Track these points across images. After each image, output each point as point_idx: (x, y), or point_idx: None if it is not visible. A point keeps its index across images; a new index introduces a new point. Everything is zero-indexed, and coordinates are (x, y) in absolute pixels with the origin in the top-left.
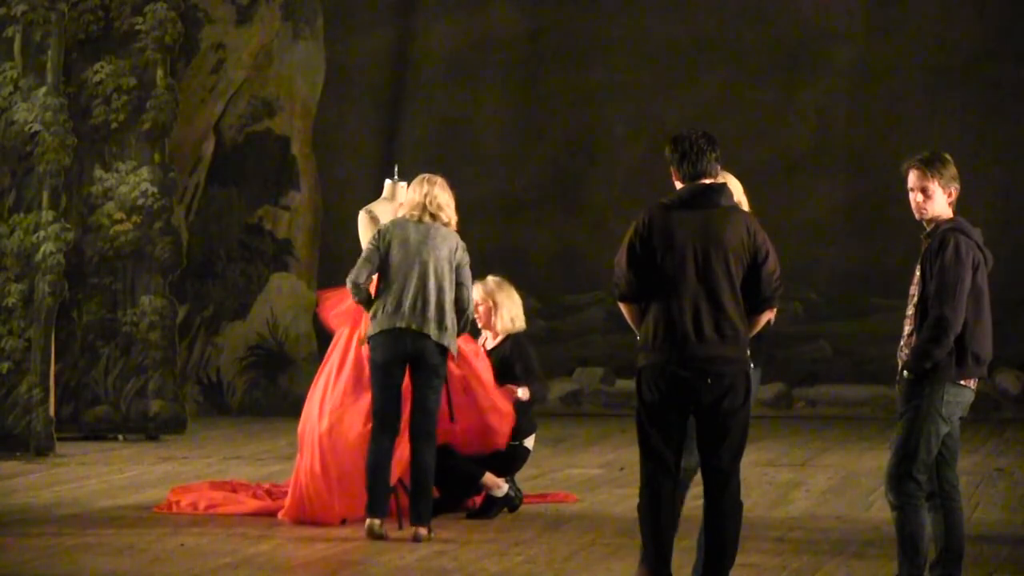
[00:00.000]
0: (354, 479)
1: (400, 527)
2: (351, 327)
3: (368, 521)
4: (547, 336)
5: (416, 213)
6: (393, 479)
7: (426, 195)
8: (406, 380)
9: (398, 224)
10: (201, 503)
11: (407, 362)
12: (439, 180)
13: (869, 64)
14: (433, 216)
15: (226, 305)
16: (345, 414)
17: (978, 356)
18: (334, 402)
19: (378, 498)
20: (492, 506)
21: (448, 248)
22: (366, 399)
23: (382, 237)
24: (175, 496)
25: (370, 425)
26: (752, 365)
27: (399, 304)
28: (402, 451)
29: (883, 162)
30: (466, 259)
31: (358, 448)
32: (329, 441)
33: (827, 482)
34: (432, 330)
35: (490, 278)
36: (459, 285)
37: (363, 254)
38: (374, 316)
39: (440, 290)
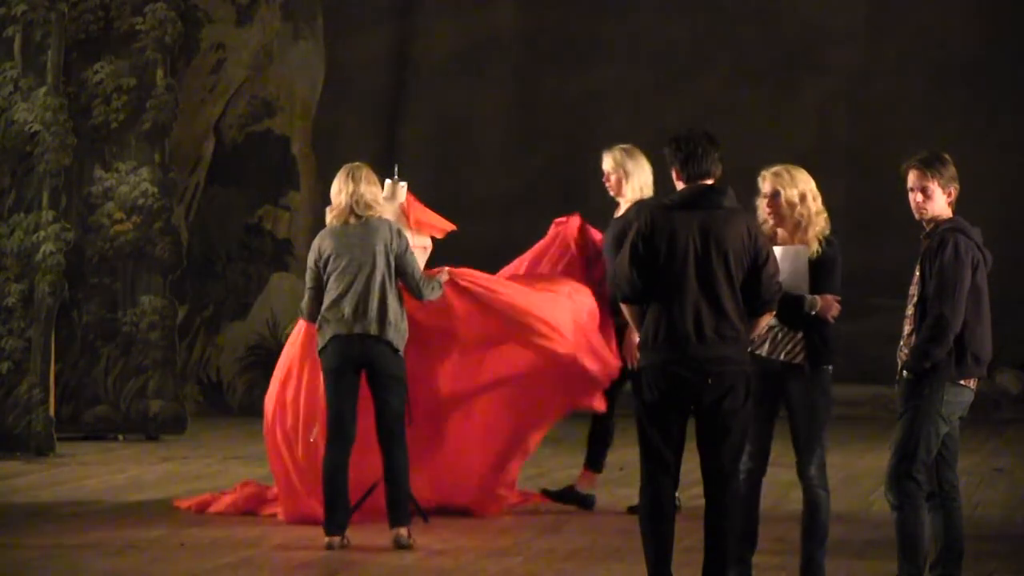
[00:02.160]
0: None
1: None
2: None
3: (327, 539)
4: None
5: (344, 216)
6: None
7: (352, 195)
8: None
9: (326, 236)
10: (240, 502)
11: (360, 367)
12: (363, 174)
13: (869, 64)
14: (359, 216)
15: (226, 305)
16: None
17: (978, 356)
18: (276, 396)
19: (336, 515)
20: (568, 497)
21: (383, 241)
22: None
23: (317, 256)
24: (210, 498)
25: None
26: (825, 365)
27: (341, 312)
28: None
29: (883, 162)
30: (404, 244)
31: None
32: (279, 438)
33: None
34: (374, 329)
35: (618, 148)
36: (404, 275)
37: (307, 282)
38: (320, 327)
39: (382, 287)
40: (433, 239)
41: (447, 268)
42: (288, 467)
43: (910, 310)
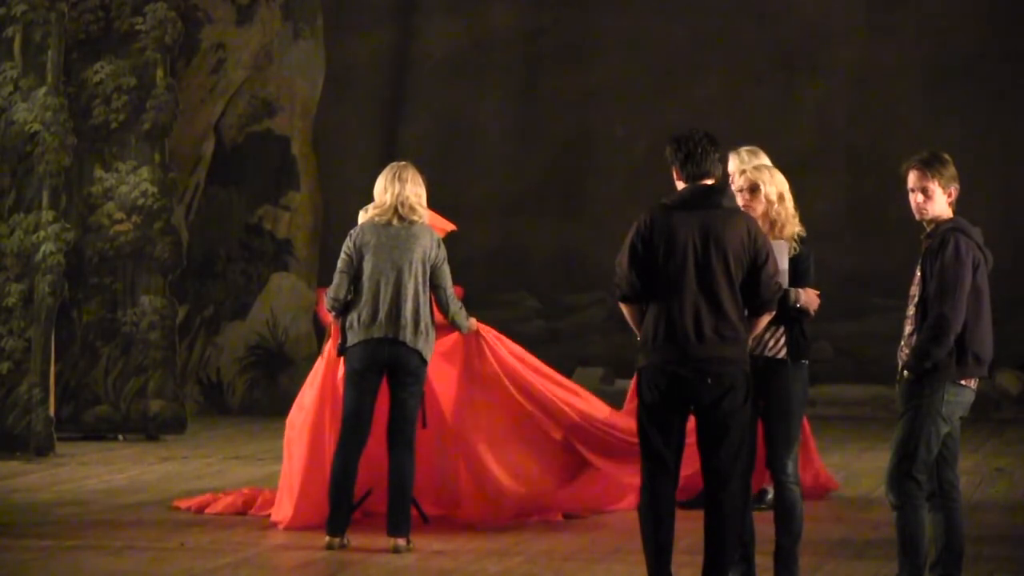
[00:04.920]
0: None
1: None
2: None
3: (327, 539)
4: (547, 336)
5: (387, 216)
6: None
7: (397, 196)
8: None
9: (368, 229)
10: (239, 502)
11: (384, 368)
12: (409, 174)
13: (869, 64)
14: (403, 218)
15: (226, 305)
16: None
17: (978, 356)
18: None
19: (339, 515)
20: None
21: (422, 249)
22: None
23: (354, 245)
24: (210, 498)
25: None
26: (804, 360)
27: (375, 314)
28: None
29: (883, 162)
30: (442, 256)
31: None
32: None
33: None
34: (408, 336)
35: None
36: (436, 288)
37: (338, 265)
38: (350, 327)
39: (416, 295)
40: None
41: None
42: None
43: (911, 310)
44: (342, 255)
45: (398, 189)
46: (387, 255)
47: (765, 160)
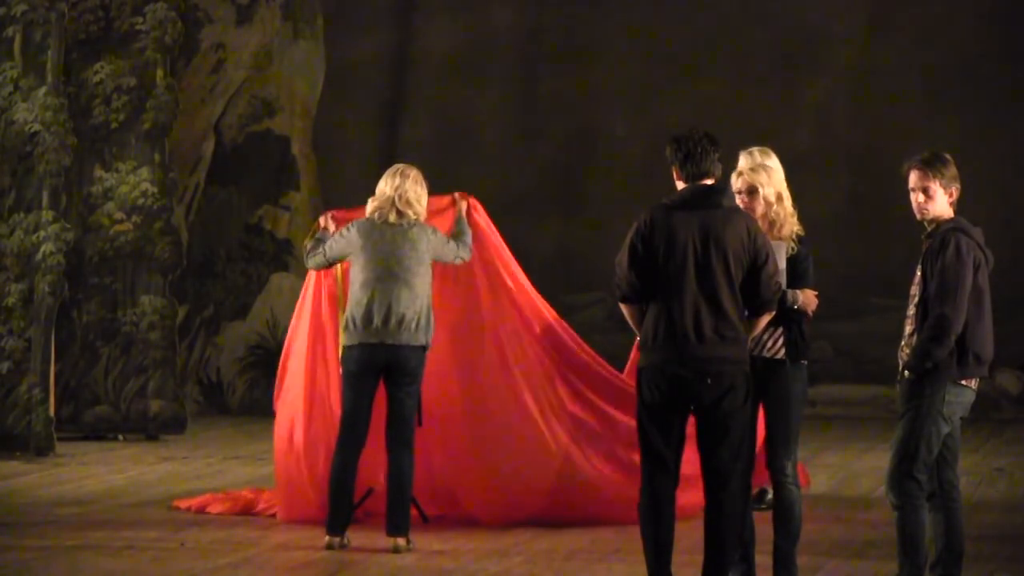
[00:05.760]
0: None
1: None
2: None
3: (327, 539)
4: None
5: (384, 210)
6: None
7: (396, 189)
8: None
9: (364, 230)
10: (239, 503)
11: (382, 370)
12: (413, 172)
13: (869, 64)
14: (400, 213)
15: (226, 305)
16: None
17: (979, 356)
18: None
19: (339, 515)
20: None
21: (418, 250)
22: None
23: (350, 244)
24: (210, 498)
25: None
26: (803, 360)
27: (369, 319)
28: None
29: (883, 162)
30: (438, 239)
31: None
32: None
33: (827, 482)
34: (406, 339)
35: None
36: (449, 261)
37: (325, 250)
38: (345, 328)
39: (413, 299)
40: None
41: (457, 195)
42: (300, 468)
43: (911, 310)
44: (333, 243)
45: (399, 182)
46: (383, 261)
47: (775, 161)
